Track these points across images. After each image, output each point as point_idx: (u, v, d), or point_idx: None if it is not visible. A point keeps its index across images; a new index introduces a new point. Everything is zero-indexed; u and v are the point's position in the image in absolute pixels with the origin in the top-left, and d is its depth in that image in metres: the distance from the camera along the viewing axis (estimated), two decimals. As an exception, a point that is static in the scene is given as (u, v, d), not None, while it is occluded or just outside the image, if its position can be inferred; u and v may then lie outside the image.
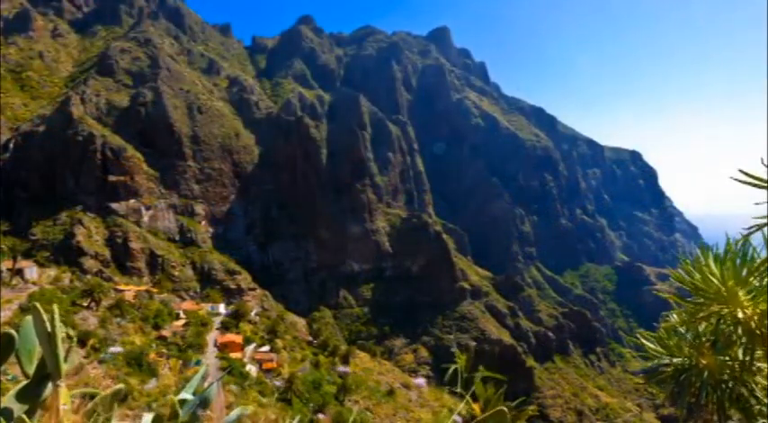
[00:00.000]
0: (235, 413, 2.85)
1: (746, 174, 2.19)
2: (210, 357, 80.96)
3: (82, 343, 67.01)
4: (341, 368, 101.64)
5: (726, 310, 2.57)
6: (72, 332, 68.27)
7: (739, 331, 2.53)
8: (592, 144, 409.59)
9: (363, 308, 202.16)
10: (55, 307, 2.55)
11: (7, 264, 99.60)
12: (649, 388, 2.82)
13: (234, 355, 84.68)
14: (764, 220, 2.22)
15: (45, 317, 2.44)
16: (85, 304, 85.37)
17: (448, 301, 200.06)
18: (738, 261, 2.55)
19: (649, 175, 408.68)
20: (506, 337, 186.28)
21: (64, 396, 2.45)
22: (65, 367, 2.50)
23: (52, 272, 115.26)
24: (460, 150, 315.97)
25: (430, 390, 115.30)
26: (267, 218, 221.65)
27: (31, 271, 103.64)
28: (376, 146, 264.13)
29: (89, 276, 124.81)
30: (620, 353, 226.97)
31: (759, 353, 2.55)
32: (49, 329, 2.44)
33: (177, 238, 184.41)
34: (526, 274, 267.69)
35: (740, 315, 2.52)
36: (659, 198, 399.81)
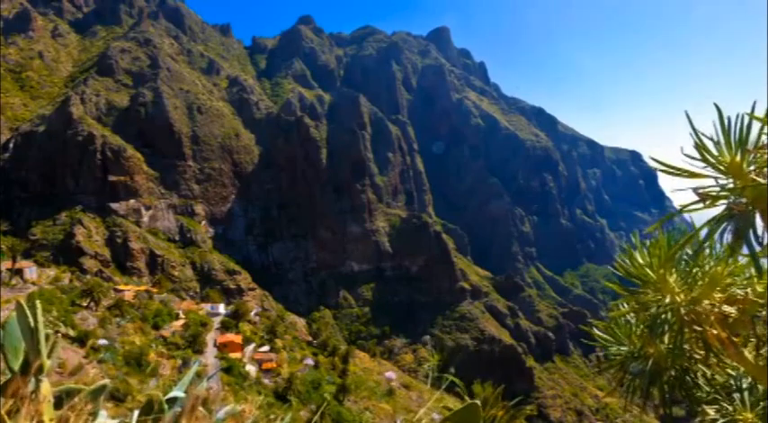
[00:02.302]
0: (224, 411, 2.97)
1: (658, 161, 2.24)
2: (210, 357, 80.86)
3: (81, 343, 66.92)
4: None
5: (658, 296, 2.59)
6: (72, 332, 68.19)
7: (668, 317, 2.54)
8: (592, 144, 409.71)
9: (363, 308, 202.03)
10: (38, 303, 2.58)
11: (7, 264, 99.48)
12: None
13: (233, 355, 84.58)
14: (698, 206, 2.26)
15: (28, 312, 2.47)
16: (85, 304, 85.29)
17: (448, 301, 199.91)
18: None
19: (649, 175, 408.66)
20: (506, 338, 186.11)
21: (46, 390, 2.46)
22: (48, 363, 2.52)
23: (52, 272, 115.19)
24: (460, 150, 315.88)
25: (430, 390, 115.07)
26: (267, 218, 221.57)
27: (31, 271, 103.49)
28: (376, 146, 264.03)
29: (89, 276, 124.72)
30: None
31: (691, 340, 2.54)
32: (32, 325, 2.47)
33: (177, 238, 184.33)
34: (526, 274, 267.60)
35: (667, 300, 2.52)
36: (659, 198, 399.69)
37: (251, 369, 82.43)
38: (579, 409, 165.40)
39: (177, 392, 2.88)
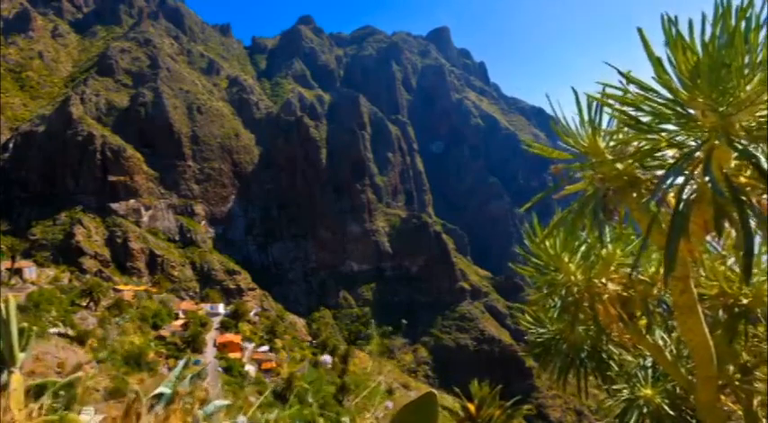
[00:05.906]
0: (211, 406, 3.01)
1: (530, 145, 2.31)
2: (210, 357, 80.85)
3: (81, 342, 66.93)
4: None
5: (558, 278, 2.62)
6: (71, 332, 68.21)
7: (565, 296, 2.55)
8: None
9: (363, 308, 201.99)
10: (11, 296, 2.70)
11: (6, 263, 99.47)
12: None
13: (233, 355, 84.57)
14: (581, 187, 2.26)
15: (1, 306, 2.60)
16: (84, 304, 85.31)
17: (448, 301, 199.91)
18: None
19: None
20: (506, 338, 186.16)
21: (17, 383, 2.56)
22: (21, 356, 2.65)
23: (51, 272, 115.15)
24: (460, 150, 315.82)
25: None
26: (267, 218, 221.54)
27: (31, 271, 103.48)
28: (376, 146, 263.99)
29: (88, 276, 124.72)
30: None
31: (588, 319, 2.54)
32: (4, 317, 2.59)
33: (177, 238, 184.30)
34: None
35: (560, 278, 2.54)
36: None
37: (250, 369, 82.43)
38: (579, 409, 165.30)
39: (163, 388, 2.93)
